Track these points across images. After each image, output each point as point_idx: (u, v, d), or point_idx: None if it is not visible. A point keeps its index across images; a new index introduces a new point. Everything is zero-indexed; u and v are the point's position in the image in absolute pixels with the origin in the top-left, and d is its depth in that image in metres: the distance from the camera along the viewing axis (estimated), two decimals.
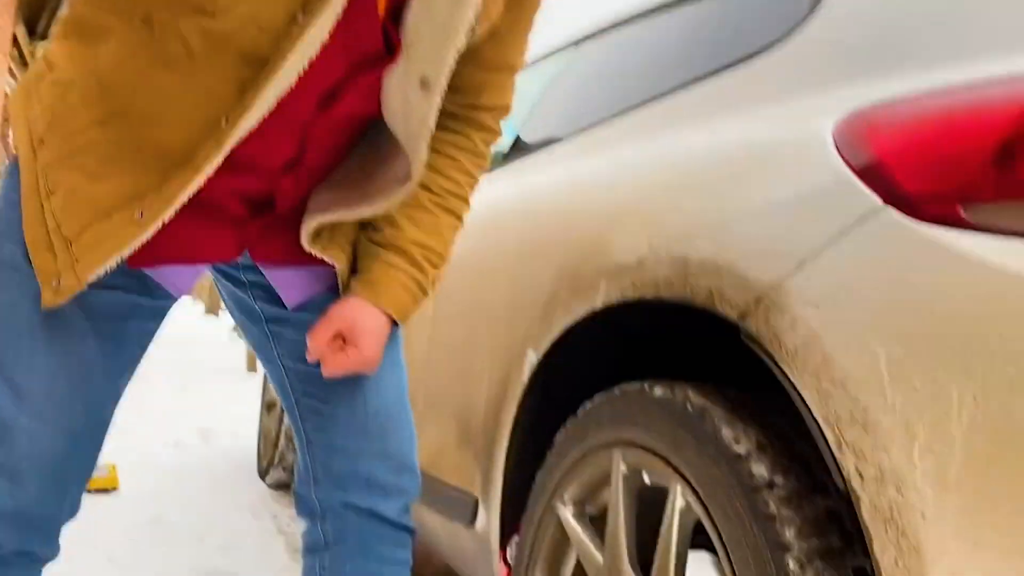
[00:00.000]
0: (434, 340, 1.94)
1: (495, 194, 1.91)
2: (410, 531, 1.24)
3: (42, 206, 1.01)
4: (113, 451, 3.83)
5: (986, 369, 0.73)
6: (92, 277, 1.00)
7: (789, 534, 0.88)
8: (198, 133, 0.99)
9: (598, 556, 1.19)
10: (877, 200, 0.87)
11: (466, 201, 1.20)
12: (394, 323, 1.15)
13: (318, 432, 1.22)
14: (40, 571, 1.11)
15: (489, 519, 1.55)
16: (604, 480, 1.23)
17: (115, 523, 2.81)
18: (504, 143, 2.24)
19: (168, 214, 0.99)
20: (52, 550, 1.11)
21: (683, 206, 1.13)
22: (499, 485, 1.51)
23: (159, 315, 1.15)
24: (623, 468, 1.17)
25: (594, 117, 1.69)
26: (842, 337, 0.84)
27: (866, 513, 0.79)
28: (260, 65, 0.93)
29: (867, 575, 0.87)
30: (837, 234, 0.89)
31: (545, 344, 1.37)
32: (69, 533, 1.22)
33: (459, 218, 1.20)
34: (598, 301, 1.22)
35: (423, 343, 2.00)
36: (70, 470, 1.09)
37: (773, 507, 0.90)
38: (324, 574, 1.21)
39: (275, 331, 1.23)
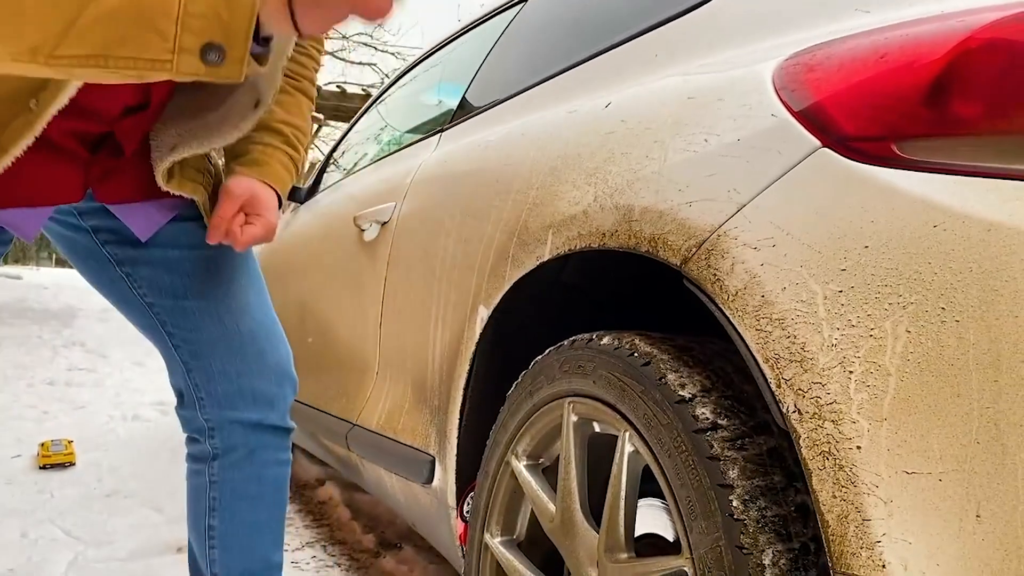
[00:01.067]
0: (386, 303, 1.93)
1: (442, 155, 1.90)
2: (290, 430, 1.39)
3: None
4: (70, 426, 3.79)
5: (919, 302, 0.74)
6: None
7: (732, 474, 0.89)
8: (7, 110, 0.95)
9: (551, 506, 1.20)
10: (815, 142, 0.88)
11: (313, 82, 1.27)
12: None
13: (196, 359, 1.29)
14: None
15: (446, 477, 1.56)
16: (557, 432, 1.24)
17: (73, 497, 2.77)
18: (450, 105, 2.22)
19: None
20: None
21: (626, 155, 1.13)
22: (454, 443, 1.51)
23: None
24: (573, 418, 1.17)
25: (537, 76, 1.68)
26: (780, 277, 0.85)
27: (805, 449, 0.80)
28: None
29: (809, 511, 0.89)
30: (776, 177, 0.90)
31: (495, 300, 1.37)
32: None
33: (311, 99, 1.26)
34: (545, 253, 1.22)
35: (375, 306, 1.99)
36: None
37: (717, 448, 0.91)
38: (213, 479, 1.36)
39: (129, 272, 1.28)
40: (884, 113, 0.83)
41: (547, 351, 1.26)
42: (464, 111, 2.05)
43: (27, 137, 0.94)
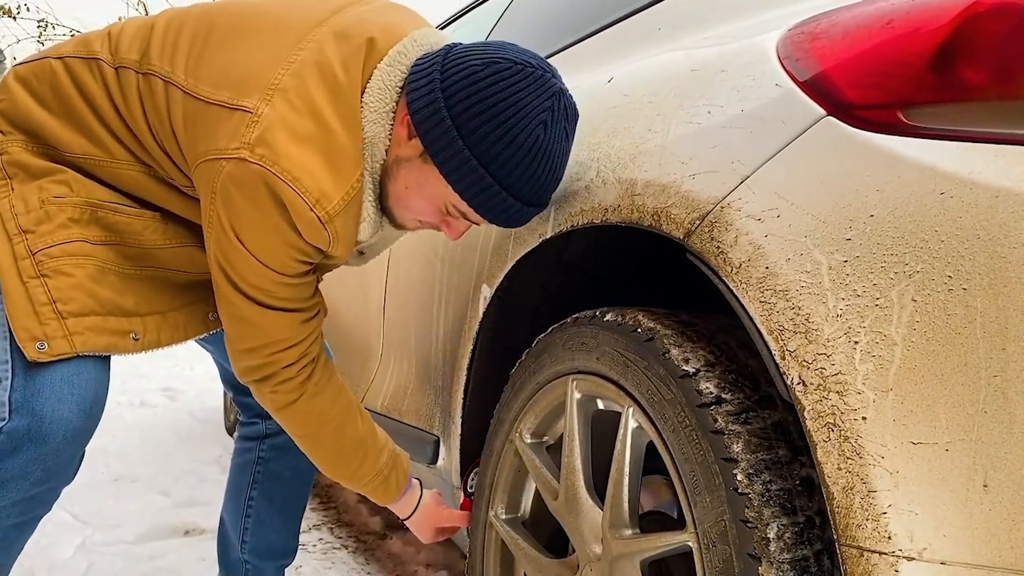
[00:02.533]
0: (390, 285, 1.93)
1: None
2: None
3: (24, 283, 1.15)
4: None
5: (925, 271, 0.73)
6: (86, 353, 1.18)
7: (737, 448, 0.88)
8: (190, 298, 1.32)
9: (555, 484, 1.20)
10: (820, 111, 0.86)
11: None
12: None
13: None
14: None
15: (450, 457, 1.56)
16: (560, 410, 1.24)
17: (80, 481, 2.77)
18: None
19: (160, 350, 1.30)
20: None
21: (629, 129, 1.11)
22: (458, 423, 1.51)
23: None
24: (577, 395, 1.17)
25: (541, 53, 1.66)
26: (784, 248, 0.83)
27: (809, 421, 0.79)
28: None
29: (815, 484, 0.88)
30: (780, 147, 0.88)
31: (498, 279, 1.36)
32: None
33: None
34: (547, 230, 1.21)
35: (379, 288, 1.99)
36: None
37: (721, 422, 0.90)
38: (262, 455, 1.64)
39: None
40: (890, 80, 0.82)
41: (550, 329, 1.25)
42: None
43: (201, 335, 1.39)
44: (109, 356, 1.26)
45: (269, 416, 1.52)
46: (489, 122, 1.08)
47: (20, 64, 1.27)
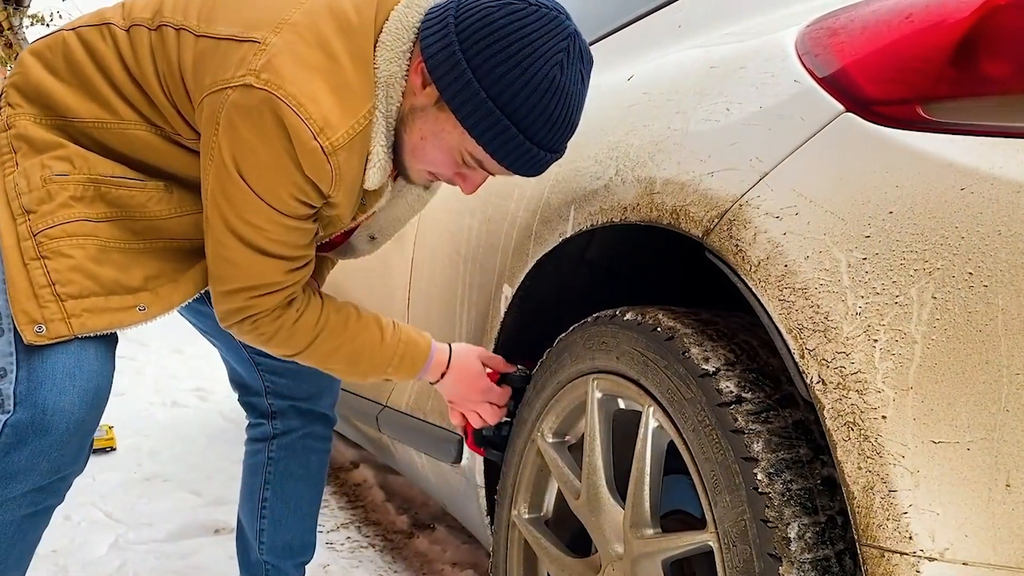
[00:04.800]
0: (414, 285, 1.93)
1: None
2: (334, 421, 1.70)
3: (25, 264, 1.15)
4: (111, 413, 3.85)
5: (946, 267, 0.72)
6: (84, 334, 1.18)
7: (757, 447, 0.88)
8: (200, 257, 1.26)
9: (577, 483, 1.20)
10: (839, 107, 0.85)
11: None
12: None
13: (262, 356, 1.56)
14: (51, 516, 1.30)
15: (473, 457, 1.56)
16: (581, 409, 1.23)
17: (113, 481, 2.83)
18: None
19: (170, 314, 1.29)
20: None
21: (648, 127, 1.11)
22: None
23: None
24: (598, 395, 1.17)
25: None
26: (803, 246, 0.83)
27: (829, 420, 0.78)
28: None
29: (836, 484, 0.87)
30: (798, 144, 0.88)
31: (519, 278, 1.36)
32: (69, 491, 1.27)
33: None
34: (567, 229, 1.21)
35: (403, 289, 2.00)
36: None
37: (741, 422, 0.90)
38: (271, 456, 1.64)
39: None
40: (910, 75, 0.81)
41: (571, 328, 1.25)
42: None
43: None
44: (113, 344, 1.26)
45: (276, 416, 1.63)
46: (505, 63, 1.07)
47: (36, 40, 1.29)
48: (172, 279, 1.27)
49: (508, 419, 1.42)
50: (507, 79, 1.07)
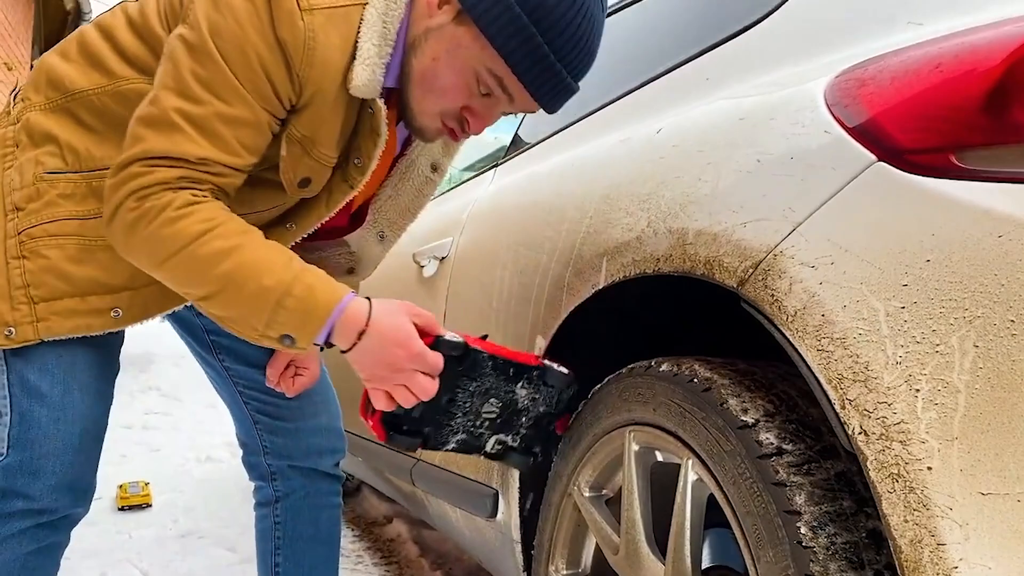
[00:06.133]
0: None
1: (497, 189, 1.92)
2: (340, 479, 1.63)
3: (7, 263, 1.14)
4: (147, 468, 3.88)
5: (987, 315, 0.71)
6: (51, 339, 1.17)
7: (799, 500, 0.87)
8: (269, 230, 1.22)
9: (615, 538, 1.18)
10: (870, 156, 0.86)
11: None
12: None
13: (263, 415, 1.54)
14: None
15: (509, 511, 1.55)
16: (618, 462, 1.22)
17: (149, 537, 2.84)
18: (504, 141, 2.24)
19: (143, 324, 1.23)
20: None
21: (679, 179, 1.12)
22: (517, 476, 1.50)
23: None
24: (635, 447, 1.16)
25: (588, 107, 1.69)
26: (840, 295, 0.82)
27: (873, 471, 0.77)
28: None
29: (882, 537, 0.85)
30: (831, 193, 0.88)
31: (552, 329, 1.36)
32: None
33: None
34: (600, 280, 1.22)
35: None
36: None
37: (783, 474, 0.89)
38: (277, 520, 1.57)
39: (215, 340, 1.51)
40: (942, 124, 0.81)
41: (606, 380, 1.25)
42: (517, 146, 2.06)
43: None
44: (105, 379, 1.27)
45: (276, 477, 1.58)
46: None
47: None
48: (157, 280, 1.16)
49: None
50: None
